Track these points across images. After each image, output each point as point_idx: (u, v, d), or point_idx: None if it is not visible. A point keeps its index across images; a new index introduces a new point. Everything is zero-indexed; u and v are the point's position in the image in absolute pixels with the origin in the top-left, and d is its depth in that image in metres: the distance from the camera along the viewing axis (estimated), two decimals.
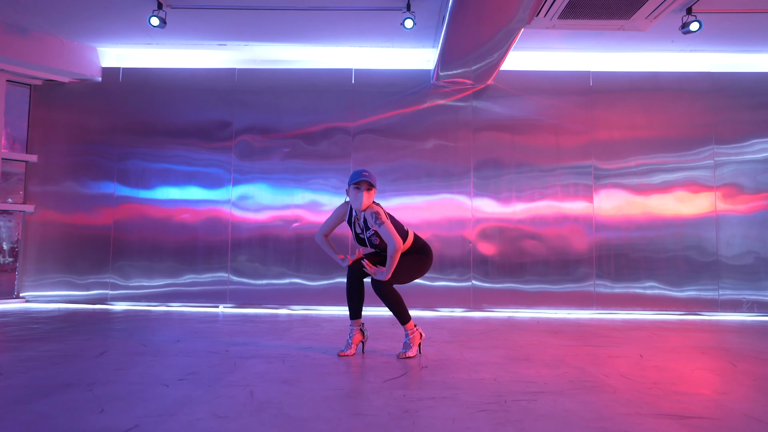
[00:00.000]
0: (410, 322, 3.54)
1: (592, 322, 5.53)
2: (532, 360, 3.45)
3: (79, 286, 6.22)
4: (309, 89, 6.37)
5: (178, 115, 6.36)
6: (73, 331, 4.38)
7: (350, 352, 3.56)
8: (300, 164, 6.29)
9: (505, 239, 6.18)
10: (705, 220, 6.13)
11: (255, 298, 6.18)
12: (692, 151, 6.20)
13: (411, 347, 3.51)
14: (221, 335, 4.33)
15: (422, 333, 3.62)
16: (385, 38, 5.90)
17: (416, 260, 3.59)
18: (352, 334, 3.61)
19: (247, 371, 3.01)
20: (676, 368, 3.23)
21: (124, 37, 5.96)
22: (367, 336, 3.70)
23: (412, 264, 3.55)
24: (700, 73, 6.27)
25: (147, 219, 6.26)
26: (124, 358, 3.32)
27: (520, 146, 6.27)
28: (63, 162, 6.32)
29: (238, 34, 5.86)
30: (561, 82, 6.31)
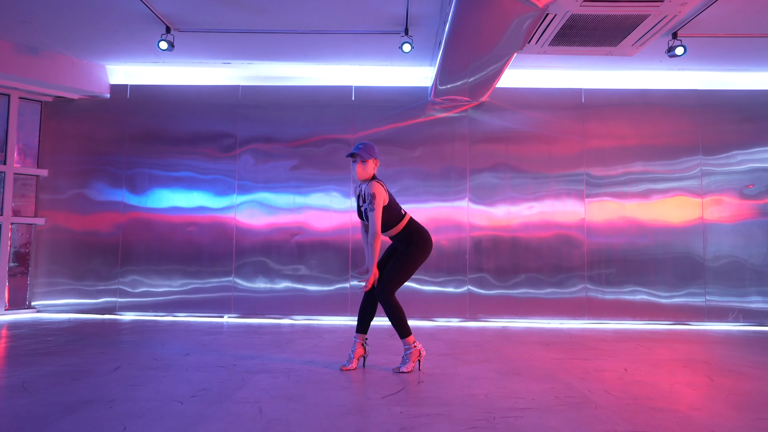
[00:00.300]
0: (410, 336, 3.64)
1: (583, 332, 5.75)
2: (523, 374, 3.67)
3: (88, 294, 6.44)
4: (310, 105, 6.58)
5: (183, 129, 6.58)
6: (87, 344, 4.59)
7: (352, 367, 3.77)
8: (302, 175, 6.50)
9: (499, 248, 6.40)
10: (692, 228, 6.35)
11: (258, 307, 6.39)
12: (680, 161, 6.42)
13: (407, 363, 3.63)
14: (228, 348, 4.55)
15: (422, 351, 3.68)
16: (384, 58, 6.11)
17: (408, 252, 3.60)
18: (355, 348, 3.80)
19: (255, 387, 3.23)
20: (656, 383, 3.45)
21: (132, 56, 6.17)
22: (368, 351, 3.86)
23: (404, 257, 3.58)
24: (687, 90, 6.49)
25: (153, 227, 6.48)
26: (138, 373, 3.54)
27: (514, 158, 6.48)
28: (72, 173, 6.54)
29: (243, 54, 6.07)
30: (554, 99, 6.53)
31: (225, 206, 6.51)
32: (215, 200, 6.51)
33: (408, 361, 3.64)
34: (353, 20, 5.13)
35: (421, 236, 3.65)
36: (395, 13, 4.98)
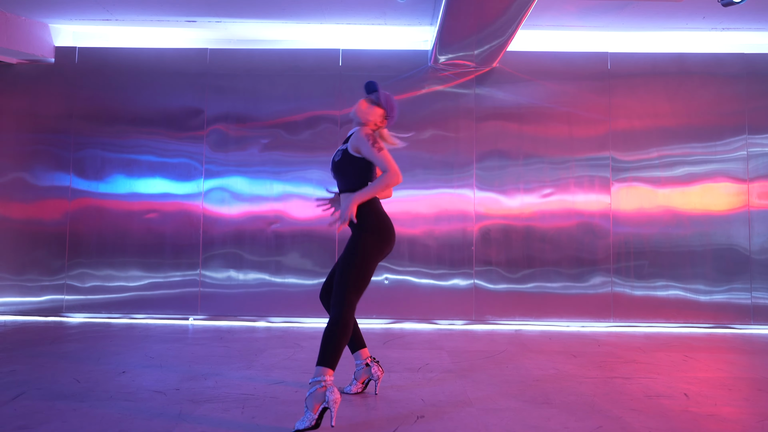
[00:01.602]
0: (329, 370, 2.38)
1: (610, 338, 4.86)
2: (553, 402, 2.78)
3: (30, 291, 5.51)
4: (291, 73, 5.63)
5: (142, 101, 5.62)
6: (2, 359, 3.68)
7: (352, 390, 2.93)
8: (280, 156, 5.56)
9: (511, 239, 5.49)
10: (736, 217, 5.44)
11: (229, 307, 5.48)
12: (722, 142, 5.50)
13: (306, 413, 2.29)
14: (180, 362, 3.64)
15: (330, 396, 2.30)
16: (376, 14, 5.16)
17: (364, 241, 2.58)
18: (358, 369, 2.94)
19: (192, 429, 2.33)
20: (738, 419, 2.56)
21: (80, 11, 5.21)
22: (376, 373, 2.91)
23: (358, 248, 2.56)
24: (732, 55, 5.55)
25: (107, 215, 5.54)
26: (40, 405, 2.63)
27: (528, 136, 5.56)
28: (12, 153, 5.58)
29: (210, 10, 5.12)
30: (575, 65, 5.59)
31: (190, 192, 5.57)
32: (179, 185, 5.57)
33: (308, 410, 2.29)
34: None
35: (380, 221, 2.64)
36: None
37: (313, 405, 2.28)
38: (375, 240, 2.59)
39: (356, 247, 2.56)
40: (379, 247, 2.60)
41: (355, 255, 2.54)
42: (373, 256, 2.58)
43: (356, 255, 2.54)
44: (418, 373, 3.42)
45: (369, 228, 2.59)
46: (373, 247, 2.58)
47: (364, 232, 2.59)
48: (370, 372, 2.91)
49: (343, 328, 2.44)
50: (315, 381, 2.33)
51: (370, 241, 2.58)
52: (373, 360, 2.94)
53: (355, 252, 2.54)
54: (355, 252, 2.54)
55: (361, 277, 2.53)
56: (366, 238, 2.57)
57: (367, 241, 2.57)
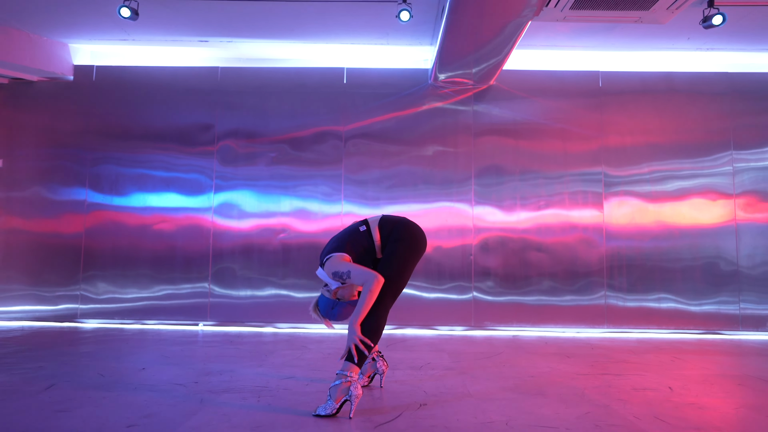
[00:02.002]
0: (355, 367, 2.55)
1: (603, 342, 5.07)
2: (547, 394, 2.99)
3: (46, 299, 5.72)
4: (297, 90, 5.92)
5: (156, 117, 5.90)
6: (28, 357, 3.89)
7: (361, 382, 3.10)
8: (287, 170, 5.83)
9: (508, 250, 5.73)
10: (724, 229, 5.69)
11: (238, 314, 5.69)
12: (709, 157, 5.77)
13: (330, 402, 2.50)
14: (195, 360, 3.85)
15: (353, 391, 2.49)
16: (379, 34, 5.47)
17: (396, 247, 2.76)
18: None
19: (214, 412, 2.54)
20: (715, 406, 2.77)
21: (98, 32, 5.51)
22: (381, 368, 3.11)
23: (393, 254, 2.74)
24: (717, 74, 5.85)
25: (121, 228, 5.78)
26: (73, 394, 2.84)
27: (524, 152, 5.83)
28: (31, 167, 5.84)
29: (221, 30, 5.42)
30: (568, 83, 5.89)
31: (201, 205, 5.82)
32: (190, 199, 5.82)
33: (331, 399, 2.51)
34: None
35: (405, 228, 2.82)
36: None
37: (336, 396, 2.49)
38: (406, 246, 2.77)
39: (392, 253, 2.76)
40: (411, 251, 2.78)
41: (392, 261, 2.73)
42: (408, 260, 2.76)
43: (392, 261, 2.73)
44: (420, 370, 3.63)
45: (399, 237, 2.79)
46: (406, 252, 2.76)
47: (396, 241, 2.78)
48: (375, 366, 3.12)
49: (376, 330, 2.62)
50: (341, 374, 2.52)
51: (402, 248, 2.77)
52: (378, 355, 3.15)
53: (391, 258, 2.74)
54: (391, 258, 2.74)
55: (397, 282, 2.71)
56: (398, 246, 2.77)
57: (399, 248, 2.76)
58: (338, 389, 2.50)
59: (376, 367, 3.12)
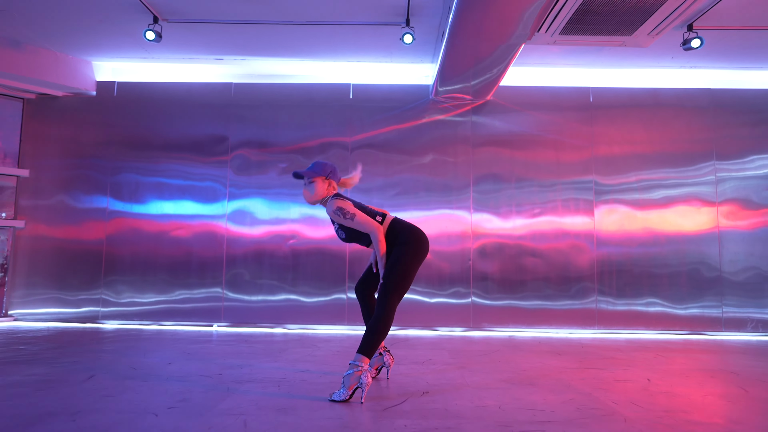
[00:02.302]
0: (366, 359, 2.89)
1: (594, 342, 5.42)
2: (537, 384, 3.34)
3: (69, 302, 6.08)
4: (306, 104, 6.29)
5: (173, 129, 6.27)
6: (62, 353, 4.24)
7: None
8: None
9: (505, 255, 6.08)
10: (707, 236, 6.05)
11: (250, 315, 6.04)
12: (693, 167, 6.14)
13: (344, 389, 2.84)
14: (215, 357, 4.20)
15: (366, 382, 2.83)
16: (383, 53, 5.84)
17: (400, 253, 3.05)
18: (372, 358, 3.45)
19: (241, 398, 2.89)
20: (685, 394, 3.12)
21: (120, 50, 5.89)
22: (388, 361, 3.44)
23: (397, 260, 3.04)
24: (700, 90, 6.23)
25: (140, 234, 6.14)
26: (113, 383, 3.19)
27: (519, 161, 6.20)
28: (55, 176, 6.21)
29: (235, 48, 5.79)
30: (561, 98, 6.26)
31: (215, 213, 6.18)
32: (205, 206, 6.19)
33: (344, 387, 2.84)
34: (351, 10, 4.86)
35: (410, 233, 3.12)
36: (396, 3, 4.72)
37: (349, 384, 2.83)
38: (411, 250, 3.07)
39: (398, 258, 3.05)
40: (414, 255, 3.07)
41: (397, 265, 3.03)
42: (411, 263, 3.05)
43: (397, 265, 3.02)
44: (422, 365, 3.97)
45: (405, 241, 3.09)
46: (409, 255, 3.05)
47: (402, 245, 3.08)
48: (382, 360, 3.46)
49: (384, 325, 2.94)
50: (354, 364, 2.85)
51: (407, 252, 3.06)
52: (385, 350, 3.50)
53: (396, 262, 3.03)
54: (396, 262, 3.03)
55: (402, 283, 3.02)
56: (403, 250, 3.06)
57: (405, 252, 3.06)
58: (351, 378, 2.85)
59: (383, 360, 3.46)
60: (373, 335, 2.94)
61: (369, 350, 2.91)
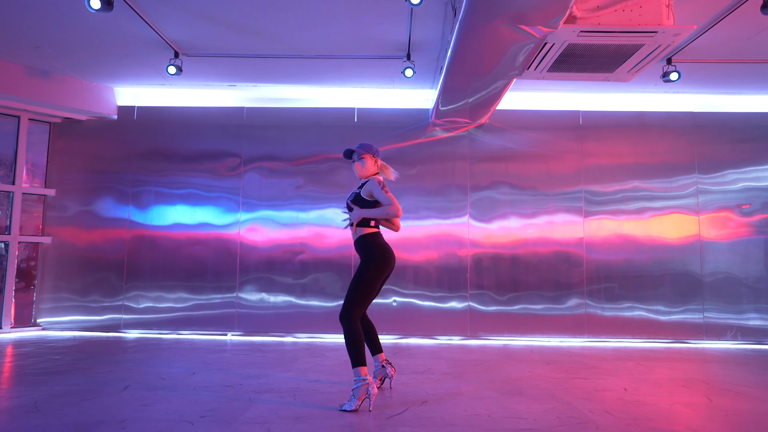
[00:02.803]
0: (364, 368, 3.31)
1: (582, 350, 5.82)
2: (525, 394, 3.74)
3: (93, 311, 6.50)
4: (313, 126, 6.71)
5: (189, 148, 6.70)
6: (94, 363, 4.66)
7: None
8: (305, 194, 6.60)
9: (499, 265, 6.49)
10: (689, 246, 6.45)
11: (262, 324, 6.46)
12: (676, 179, 6.54)
13: (353, 400, 3.24)
14: (233, 366, 4.62)
15: (372, 388, 3.25)
16: (386, 81, 6.25)
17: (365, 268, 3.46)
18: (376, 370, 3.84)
19: (263, 407, 3.30)
20: (655, 402, 3.53)
21: (140, 78, 6.30)
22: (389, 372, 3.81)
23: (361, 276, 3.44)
24: (682, 113, 6.63)
25: (158, 245, 6.57)
26: (147, 393, 3.61)
27: (514, 176, 6.59)
28: (80, 191, 6.64)
29: (248, 77, 6.21)
30: (552, 120, 6.67)
31: (229, 223, 6.60)
32: (220, 218, 6.61)
33: (354, 398, 3.25)
34: (356, 46, 5.27)
35: (381, 251, 3.49)
36: (398, 40, 5.12)
37: (359, 395, 3.25)
38: (376, 267, 3.46)
39: (361, 273, 3.45)
40: (379, 272, 3.47)
41: (360, 280, 3.44)
42: (374, 279, 3.45)
43: (360, 280, 3.43)
44: (422, 375, 4.39)
45: (371, 257, 3.48)
46: (374, 271, 3.45)
47: (368, 261, 3.47)
48: (385, 372, 3.87)
49: (355, 334, 3.36)
50: (359, 379, 3.27)
51: (372, 268, 3.46)
52: (387, 362, 3.91)
53: (360, 277, 3.44)
54: (360, 277, 3.44)
55: (364, 297, 3.44)
56: (368, 266, 3.46)
57: (369, 268, 3.46)
58: (359, 390, 3.26)
59: (385, 372, 3.87)
60: (352, 346, 3.35)
61: (359, 359, 3.32)
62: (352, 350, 3.35)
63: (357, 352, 3.34)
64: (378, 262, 3.47)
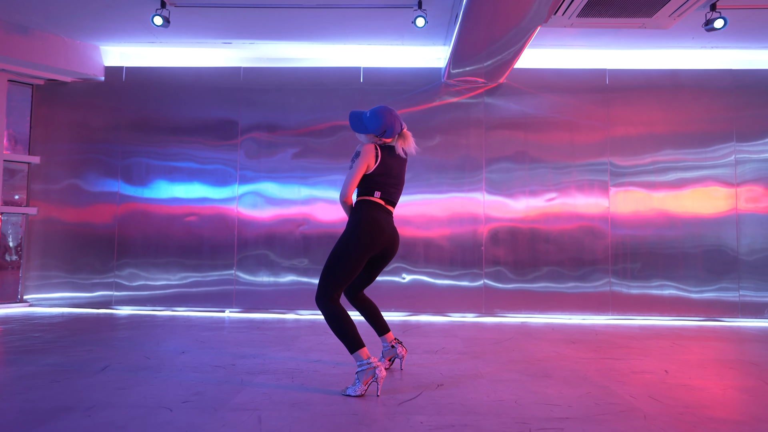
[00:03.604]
0: (363, 349, 2.82)
1: (608, 328, 5.37)
2: (553, 376, 3.30)
3: (83, 287, 6.11)
4: (316, 88, 6.20)
5: (182, 114, 6.22)
6: (76, 341, 4.26)
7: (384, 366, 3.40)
8: (307, 163, 6.13)
9: (517, 240, 6.02)
10: (725, 219, 5.94)
11: (261, 301, 6.05)
12: (712, 148, 6.00)
13: (358, 384, 2.80)
14: (228, 345, 4.20)
15: (380, 371, 2.80)
16: (395, 36, 5.72)
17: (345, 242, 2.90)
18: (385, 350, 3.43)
19: (255, 391, 2.87)
20: (705, 387, 3.07)
21: (128, 35, 5.81)
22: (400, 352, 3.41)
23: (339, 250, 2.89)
24: (721, 71, 6.05)
25: (151, 218, 6.14)
26: (127, 375, 3.19)
27: (533, 144, 6.09)
28: (66, 161, 6.20)
29: (244, 32, 5.70)
30: (576, 80, 6.12)
31: (226, 197, 6.15)
32: (216, 190, 6.16)
33: (359, 382, 2.80)
34: None
35: (366, 224, 2.91)
36: None
37: (364, 379, 2.79)
38: (356, 242, 2.88)
39: (339, 246, 2.92)
40: (360, 249, 2.88)
41: (336, 254, 2.90)
42: (351, 255, 2.86)
43: (337, 254, 2.89)
44: (435, 354, 3.95)
45: (353, 230, 2.92)
46: (354, 246, 2.88)
47: (349, 233, 2.92)
48: (395, 351, 3.44)
49: (338, 319, 2.83)
50: (362, 363, 2.79)
51: (352, 242, 2.89)
52: (397, 341, 3.47)
53: (336, 251, 2.91)
54: (336, 251, 2.91)
55: (340, 277, 2.87)
56: (348, 239, 2.91)
57: (349, 242, 2.90)
58: (364, 373, 2.81)
59: (395, 352, 3.43)
60: (339, 333, 2.85)
61: (355, 343, 2.82)
62: (341, 335, 2.84)
63: (347, 336, 2.82)
64: (359, 237, 2.89)
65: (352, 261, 2.87)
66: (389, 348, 3.43)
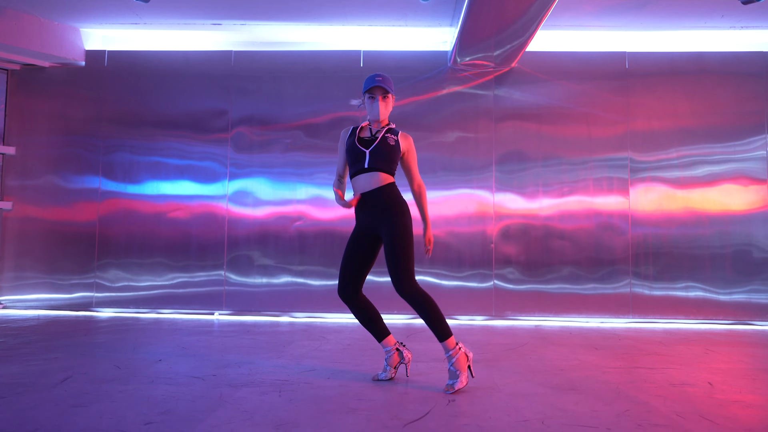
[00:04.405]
0: (451, 338, 2.80)
1: (630, 332, 4.92)
2: (580, 389, 2.85)
3: (61, 288, 5.67)
4: (313, 74, 5.76)
5: (169, 104, 5.78)
6: (43, 347, 3.82)
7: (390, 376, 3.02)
8: (303, 157, 5.69)
9: (530, 238, 5.57)
10: (756, 216, 5.48)
11: (254, 303, 5.60)
12: (742, 141, 5.54)
13: (459, 375, 2.74)
14: (212, 352, 3.76)
15: (469, 353, 2.81)
16: (397, 16, 5.28)
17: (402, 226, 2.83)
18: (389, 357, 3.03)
19: (235, 408, 2.43)
20: (764, 405, 2.61)
21: (110, 16, 5.39)
22: (407, 357, 3.06)
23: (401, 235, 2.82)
24: (751, 53, 5.59)
25: (135, 216, 5.70)
26: (88, 388, 2.75)
27: (547, 137, 5.64)
28: (44, 154, 5.76)
29: (235, 12, 5.27)
30: (593, 65, 5.67)
31: (215, 193, 5.71)
32: (204, 187, 5.72)
33: (458, 372, 2.75)
34: None
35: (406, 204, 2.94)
36: None
37: (460, 372, 2.75)
38: (410, 221, 2.87)
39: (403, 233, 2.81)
40: (411, 226, 2.88)
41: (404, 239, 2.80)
42: (411, 235, 2.85)
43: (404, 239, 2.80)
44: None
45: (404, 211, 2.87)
46: (408, 228, 2.85)
47: (402, 215, 2.85)
48: (402, 356, 3.01)
49: (428, 301, 2.85)
50: (452, 353, 2.77)
51: (410, 223, 2.86)
52: (401, 345, 3.05)
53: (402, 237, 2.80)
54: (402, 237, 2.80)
55: (411, 255, 2.83)
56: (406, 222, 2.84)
57: (408, 224, 2.85)
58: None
59: (402, 356, 3.02)
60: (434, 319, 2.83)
61: (444, 331, 2.82)
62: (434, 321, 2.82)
63: (440, 322, 2.82)
64: (409, 215, 2.91)
65: (412, 240, 2.85)
66: (393, 353, 3.01)
